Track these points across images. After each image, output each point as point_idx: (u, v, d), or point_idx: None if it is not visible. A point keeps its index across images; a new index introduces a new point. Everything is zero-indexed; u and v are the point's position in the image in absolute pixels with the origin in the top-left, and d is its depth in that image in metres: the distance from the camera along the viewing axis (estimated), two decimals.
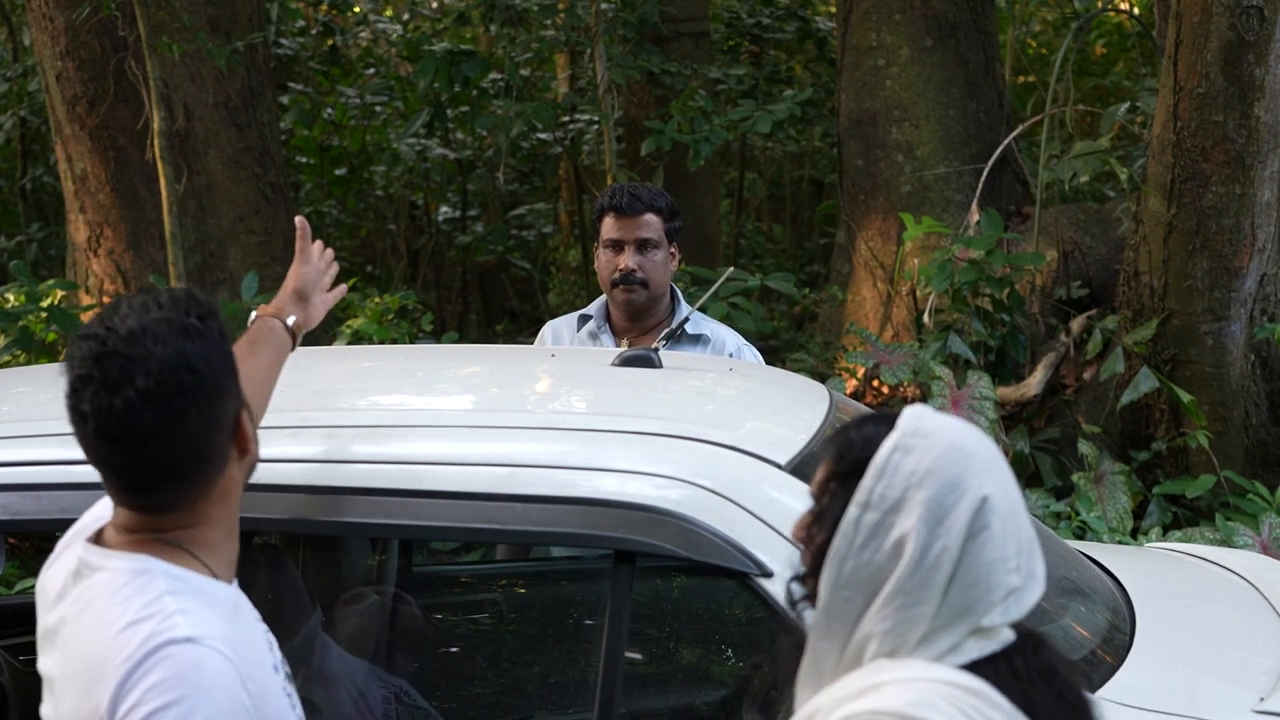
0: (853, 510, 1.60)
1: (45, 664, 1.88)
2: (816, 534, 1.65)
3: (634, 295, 3.77)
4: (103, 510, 1.95)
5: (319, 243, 2.71)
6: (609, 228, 3.80)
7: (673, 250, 3.85)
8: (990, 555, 1.57)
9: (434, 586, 3.99)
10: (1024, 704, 1.56)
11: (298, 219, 2.68)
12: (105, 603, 1.77)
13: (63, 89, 7.26)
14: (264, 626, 1.89)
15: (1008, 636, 1.62)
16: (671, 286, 3.90)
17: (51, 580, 1.90)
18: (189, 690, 1.68)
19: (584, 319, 3.91)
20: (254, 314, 2.49)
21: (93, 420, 1.73)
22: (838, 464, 1.65)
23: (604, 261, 3.82)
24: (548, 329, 3.98)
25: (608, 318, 3.88)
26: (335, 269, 2.73)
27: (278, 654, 1.89)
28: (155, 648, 1.71)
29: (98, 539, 1.87)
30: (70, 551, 1.90)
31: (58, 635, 1.83)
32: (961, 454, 1.59)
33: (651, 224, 3.78)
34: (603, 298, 3.90)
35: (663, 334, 3.56)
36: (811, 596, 1.65)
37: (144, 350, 1.73)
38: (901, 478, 1.59)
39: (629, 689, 2.40)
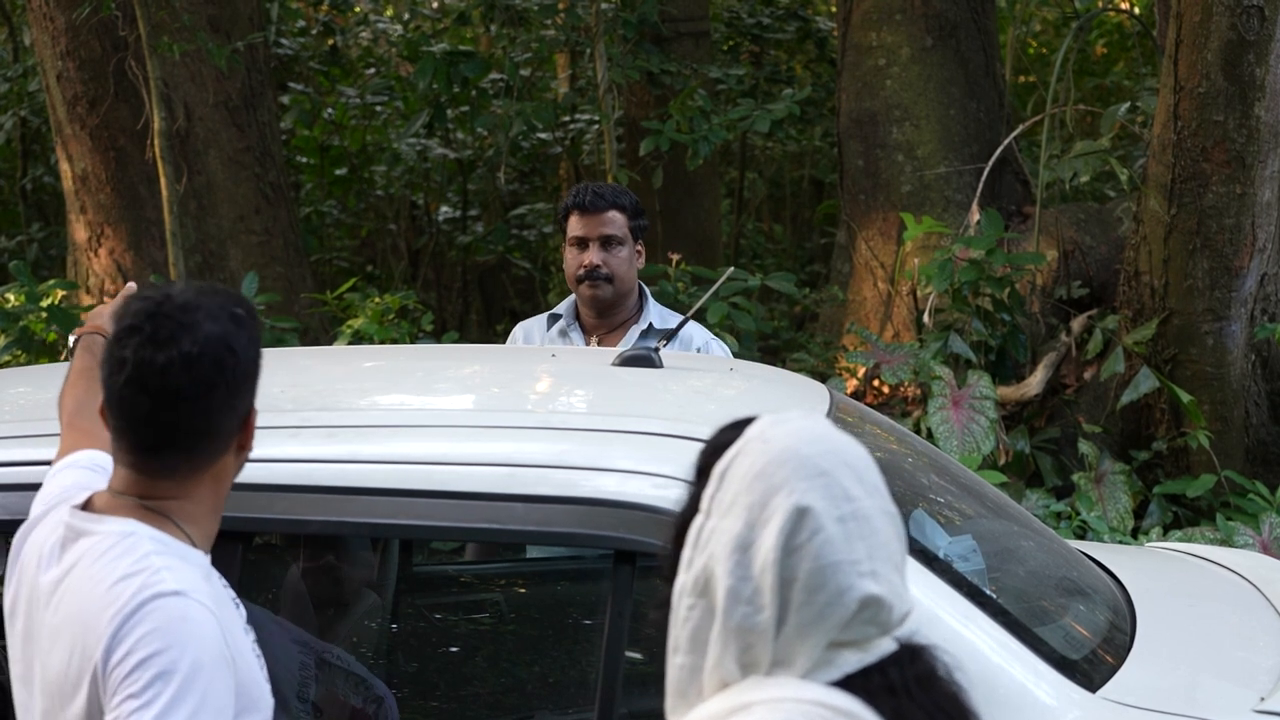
0: (698, 517, 1.57)
1: (17, 629, 1.96)
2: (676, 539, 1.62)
3: (599, 291, 3.80)
4: (79, 480, 2.05)
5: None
6: (574, 225, 3.85)
7: (639, 248, 3.89)
8: (832, 558, 1.49)
9: (434, 586, 3.99)
10: (895, 719, 1.50)
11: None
12: (94, 562, 1.88)
13: (63, 89, 7.25)
14: (232, 594, 2.00)
15: (886, 647, 1.53)
16: (640, 284, 3.93)
17: (30, 549, 1.99)
18: (177, 638, 1.80)
19: (554, 318, 3.93)
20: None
21: (131, 368, 1.85)
22: (694, 468, 1.63)
23: (570, 259, 3.86)
24: (519, 329, 4.01)
25: (577, 316, 3.91)
26: None
27: (245, 618, 1.99)
28: (145, 600, 1.82)
29: (86, 506, 1.96)
30: (53, 517, 1.99)
31: (52, 597, 1.91)
32: (794, 457, 1.53)
33: (615, 221, 3.82)
34: (572, 297, 3.93)
35: (659, 336, 3.57)
36: (667, 604, 1.60)
37: (194, 320, 1.87)
38: (735, 481, 1.55)
39: (629, 688, 2.40)
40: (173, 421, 1.88)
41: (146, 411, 1.87)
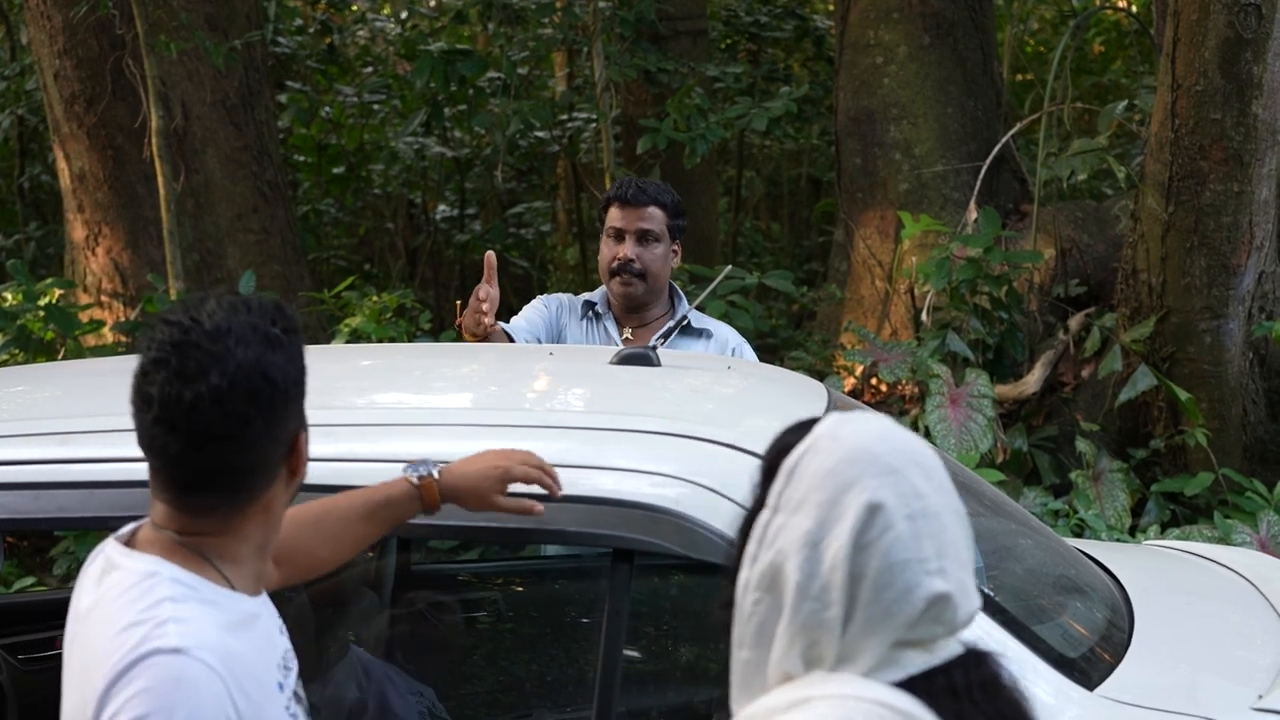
0: (765, 513, 1.58)
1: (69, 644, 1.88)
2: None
3: (631, 289, 3.78)
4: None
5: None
6: (613, 217, 3.82)
7: (675, 248, 3.86)
8: (901, 555, 1.50)
9: (433, 585, 3.99)
10: None
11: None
12: (112, 603, 1.76)
13: (60, 88, 7.25)
14: (284, 646, 1.88)
15: (952, 650, 1.55)
16: (672, 284, 3.92)
17: (85, 580, 1.87)
18: (164, 702, 1.66)
19: (588, 305, 3.91)
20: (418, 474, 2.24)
21: (158, 406, 1.71)
22: (760, 466, 1.64)
23: (605, 250, 3.84)
24: (547, 299, 3.97)
25: (609, 307, 3.90)
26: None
27: (290, 675, 1.87)
28: (140, 656, 1.69)
29: (132, 536, 1.85)
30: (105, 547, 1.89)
31: (80, 629, 1.82)
32: (865, 455, 1.55)
33: (655, 217, 3.79)
34: (604, 287, 3.91)
35: (664, 330, 3.56)
36: (731, 604, 1.61)
37: (225, 349, 1.71)
38: (805, 479, 1.56)
39: (627, 687, 2.40)
40: (209, 461, 1.74)
41: (177, 453, 1.73)
